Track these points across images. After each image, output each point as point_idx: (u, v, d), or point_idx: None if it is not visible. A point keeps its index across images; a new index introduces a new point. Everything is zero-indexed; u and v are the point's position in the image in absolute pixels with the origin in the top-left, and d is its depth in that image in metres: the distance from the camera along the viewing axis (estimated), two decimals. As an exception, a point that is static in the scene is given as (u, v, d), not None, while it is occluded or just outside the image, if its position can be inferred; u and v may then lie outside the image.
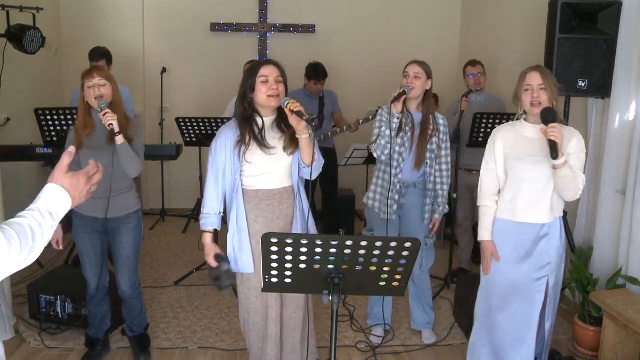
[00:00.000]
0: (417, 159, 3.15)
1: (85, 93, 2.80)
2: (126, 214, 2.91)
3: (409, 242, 1.72)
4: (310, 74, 4.84)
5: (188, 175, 5.92)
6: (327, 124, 5.02)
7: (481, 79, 4.28)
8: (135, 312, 3.11)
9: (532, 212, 2.59)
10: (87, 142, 2.81)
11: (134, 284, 3.01)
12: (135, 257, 2.99)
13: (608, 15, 3.29)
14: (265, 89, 2.43)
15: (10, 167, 4.27)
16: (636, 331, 2.72)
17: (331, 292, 1.78)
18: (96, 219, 2.86)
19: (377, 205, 3.24)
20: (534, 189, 2.57)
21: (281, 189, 2.51)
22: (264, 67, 2.47)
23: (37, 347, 3.24)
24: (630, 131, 3.24)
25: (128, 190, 2.93)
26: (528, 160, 2.56)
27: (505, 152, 2.63)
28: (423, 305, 3.44)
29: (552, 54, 3.34)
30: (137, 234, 2.96)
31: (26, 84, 4.89)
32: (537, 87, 2.50)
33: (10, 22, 3.76)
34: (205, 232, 2.52)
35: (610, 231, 3.37)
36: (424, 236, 3.24)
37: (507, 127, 2.68)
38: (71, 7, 5.80)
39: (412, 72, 3.12)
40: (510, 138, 2.62)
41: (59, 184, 1.40)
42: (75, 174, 1.44)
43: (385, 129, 3.07)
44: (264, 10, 6.02)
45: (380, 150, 3.10)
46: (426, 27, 6.16)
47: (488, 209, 2.69)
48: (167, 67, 5.94)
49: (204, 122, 4.26)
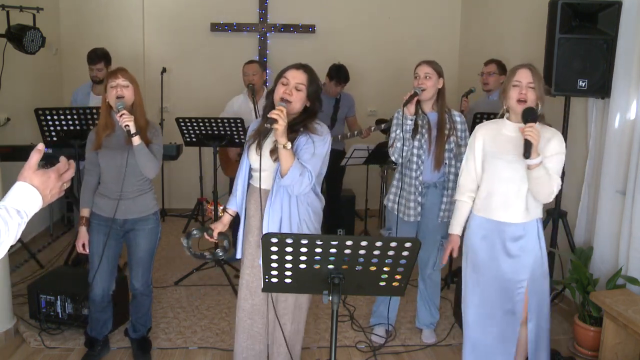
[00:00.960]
0: (436, 159, 3.14)
1: (107, 93, 2.82)
2: (144, 215, 2.93)
3: (409, 242, 1.72)
4: (332, 75, 4.83)
5: (188, 176, 5.92)
6: (339, 127, 5.01)
7: (490, 78, 4.26)
8: (142, 310, 3.12)
9: (505, 210, 2.58)
10: (106, 142, 2.85)
11: (146, 282, 3.04)
12: (149, 259, 3.02)
13: (608, 15, 3.29)
14: (281, 91, 2.45)
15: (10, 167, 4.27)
16: (636, 331, 2.72)
17: (331, 292, 1.78)
18: (115, 220, 2.88)
19: (397, 207, 3.23)
20: (509, 187, 2.56)
21: (263, 189, 2.56)
22: (291, 70, 2.50)
23: (37, 347, 3.24)
24: (630, 131, 3.24)
25: (146, 192, 2.95)
26: (504, 159, 2.55)
27: (484, 149, 2.63)
28: (429, 306, 3.43)
29: (552, 54, 3.34)
30: (153, 236, 2.98)
31: (26, 84, 4.89)
32: (526, 85, 2.48)
33: (10, 22, 3.76)
34: (226, 211, 2.73)
35: (610, 231, 3.37)
36: (441, 236, 3.24)
37: (489, 125, 2.69)
38: (71, 7, 5.80)
39: (422, 73, 3.10)
40: (490, 135, 2.62)
41: (28, 181, 1.37)
42: (46, 171, 1.41)
43: (400, 132, 3.07)
44: (264, 10, 6.01)
45: (397, 154, 3.11)
46: (426, 27, 6.15)
47: (463, 203, 2.74)
48: (167, 67, 5.94)
49: (204, 122, 4.25)
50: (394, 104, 3.47)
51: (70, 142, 3.80)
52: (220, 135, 4.23)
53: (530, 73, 2.49)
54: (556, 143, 2.52)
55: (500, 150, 2.57)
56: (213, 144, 4.28)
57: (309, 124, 2.49)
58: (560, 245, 3.68)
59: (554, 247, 3.62)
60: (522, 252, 2.59)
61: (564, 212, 3.62)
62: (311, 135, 2.47)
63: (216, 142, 4.28)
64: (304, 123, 2.48)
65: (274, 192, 2.51)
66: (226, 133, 4.23)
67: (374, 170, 5.58)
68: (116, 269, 3.06)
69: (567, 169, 3.62)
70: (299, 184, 2.41)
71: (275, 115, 2.30)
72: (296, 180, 2.40)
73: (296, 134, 2.45)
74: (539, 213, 2.63)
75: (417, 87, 3.08)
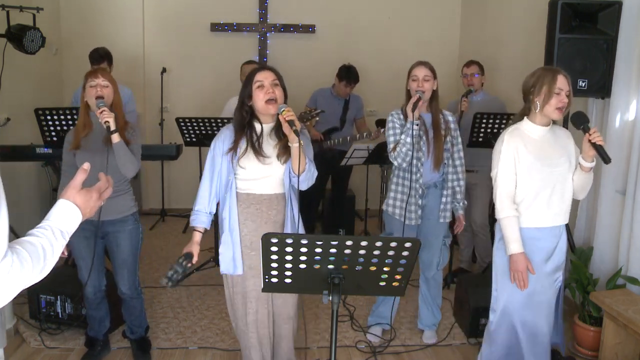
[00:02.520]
0: (436, 160, 3.13)
1: (86, 92, 2.78)
2: (122, 216, 2.88)
3: (409, 242, 1.72)
4: (342, 75, 4.83)
5: (188, 175, 5.92)
6: (347, 128, 5.01)
7: (474, 79, 4.27)
8: (135, 312, 3.10)
9: (555, 215, 2.54)
10: (84, 143, 2.80)
11: (132, 285, 3.00)
12: (133, 260, 2.96)
13: (608, 15, 3.29)
14: (262, 94, 2.42)
15: (10, 167, 4.27)
16: (636, 331, 2.72)
17: (331, 292, 1.78)
18: (90, 222, 2.76)
19: (398, 211, 3.20)
20: (556, 191, 2.51)
21: (272, 195, 2.51)
22: (259, 73, 2.46)
23: (37, 347, 3.24)
24: (630, 131, 3.24)
25: (123, 193, 2.89)
26: (546, 163, 2.49)
27: (521, 157, 2.49)
28: (432, 307, 3.43)
29: (552, 54, 3.34)
30: (134, 237, 2.93)
31: (26, 84, 4.88)
32: (566, 93, 2.44)
33: (10, 22, 3.76)
34: (195, 229, 2.56)
35: (610, 231, 3.37)
36: (443, 236, 3.24)
37: (515, 132, 2.53)
38: (71, 7, 5.80)
39: (421, 76, 3.08)
40: (523, 143, 2.50)
41: (72, 200, 1.39)
42: (89, 190, 1.44)
43: (405, 136, 3.02)
44: (264, 10, 6.01)
45: (401, 159, 3.04)
46: (426, 27, 6.16)
47: (511, 219, 2.49)
48: (167, 67, 5.94)
49: (204, 122, 4.25)
50: (393, 104, 3.47)
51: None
52: (220, 135, 4.22)
53: (566, 81, 2.45)
54: (573, 142, 2.59)
55: (539, 156, 2.48)
56: (213, 144, 4.26)
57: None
58: (560, 245, 3.69)
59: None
60: (560, 252, 2.62)
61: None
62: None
63: (216, 142, 4.26)
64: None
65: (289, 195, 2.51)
66: (226, 133, 4.21)
67: (374, 170, 5.58)
68: (104, 265, 3.02)
69: (567, 169, 3.64)
70: (311, 177, 2.45)
71: (292, 117, 2.29)
72: (310, 175, 2.43)
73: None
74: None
75: (419, 89, 3.06)
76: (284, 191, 2.52)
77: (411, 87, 3.11)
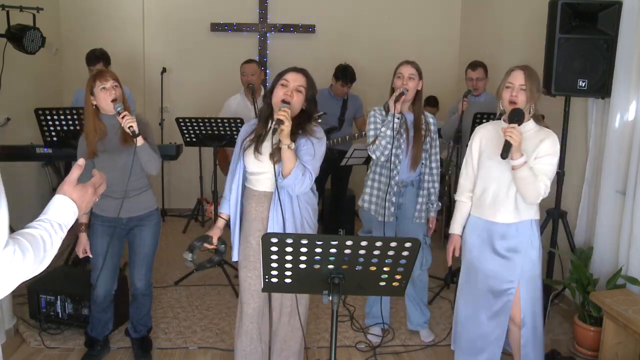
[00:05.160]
0: (414, 159, 3.15)
1: (99, 96, 2.73)
2: (148, 212, 2.95)
3: (409, 242, 1.72)
4: (339, 75, 4.82)
5: (188, 176, 5.92)
6: (347, 127, 5.01)
7: (479, 83, 4.28)
8: (143, 310, 3.11)
9: (494, 210, 2.60)
10: (101, 146, 2.79)
11: (148, 281, 3.04)
12: (153, 255, 3.02)
13: (608, 15, 3.29)
14: (281, 93, 2.46)
15: (10, 167, 4.27)
16: (636, 331, 2.72)
17: (331, 292, 1.79)
18: (119, 220, 2.86)
19: (374, 207, 3.23)
20: (498, 187, 2.58)
21: (261, 192, 2.56)
22: (290, 73, 2.52)
23: (37, 347, 3.24)
24: (630, 131, 3.24)
25: (147, 189, 2.96)
26: (495, 159, 2.54)
27: (480, 149, 2.67)
28: (419, 305, 3.44)
29: (552, 54, 3.34)
30: (156, 232, 3.00)
31: (26, 84, 4.88)
32: (518, 87, 2.49)
33: (10, 22, 3.76)
34: (219, 215, 2.72)
35: (610, 231, 3.36)
36: (423, 235, 3.25)
37: (488, 126, 2.72)
38: (71, 7, 5.80)
39: (406, 74, 3.11)
40: (487, 136, 2.65)
41: (67, 195, 1.42)
42: (84, 185, 1.47)
43: (385, 128, 3.05)
44: (264, 10, 6.01)
45: (379, 151, 3.06)
46: (426, 27, 6.15)
47: (462, 204, 2.76)
48: (167, 67, 5.94)
49: (204, 122, 4.25)
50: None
51: (70, 142, 3.79)
52: (220, 135, 4.23)
53: (523, 75, 2.50)
54: (548, 144, 2.51)
55: (493, 150, 2.58)
56: (213, 144, 4.28)
57: (306, 126, 2.52)
58: (561, 245, 3.68)
59: (554, 247, 3.62)
60: (513, 253, 2.59)
61: (564, 212, 3.61)
62: (310, 137, 2.50)
63: (216, 142, 4.27)
64: (302, 125, 2.50)
65: (276, 194, 2.51)
66: (226, 133, 4.22)
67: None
68: (118, 268, 3.05)
69: (567, 169, 3.63)
70: (300, 184, 2.44)
71: (282, 116, 2.32)
72: (298, 180, 2.42)
73: (295, 136, 2.46)
74: (533, 214, 2.61)
75: (403, 87, 3.08)
76: (272, 190, 2.54)
77: (396, 84, 3.13)
